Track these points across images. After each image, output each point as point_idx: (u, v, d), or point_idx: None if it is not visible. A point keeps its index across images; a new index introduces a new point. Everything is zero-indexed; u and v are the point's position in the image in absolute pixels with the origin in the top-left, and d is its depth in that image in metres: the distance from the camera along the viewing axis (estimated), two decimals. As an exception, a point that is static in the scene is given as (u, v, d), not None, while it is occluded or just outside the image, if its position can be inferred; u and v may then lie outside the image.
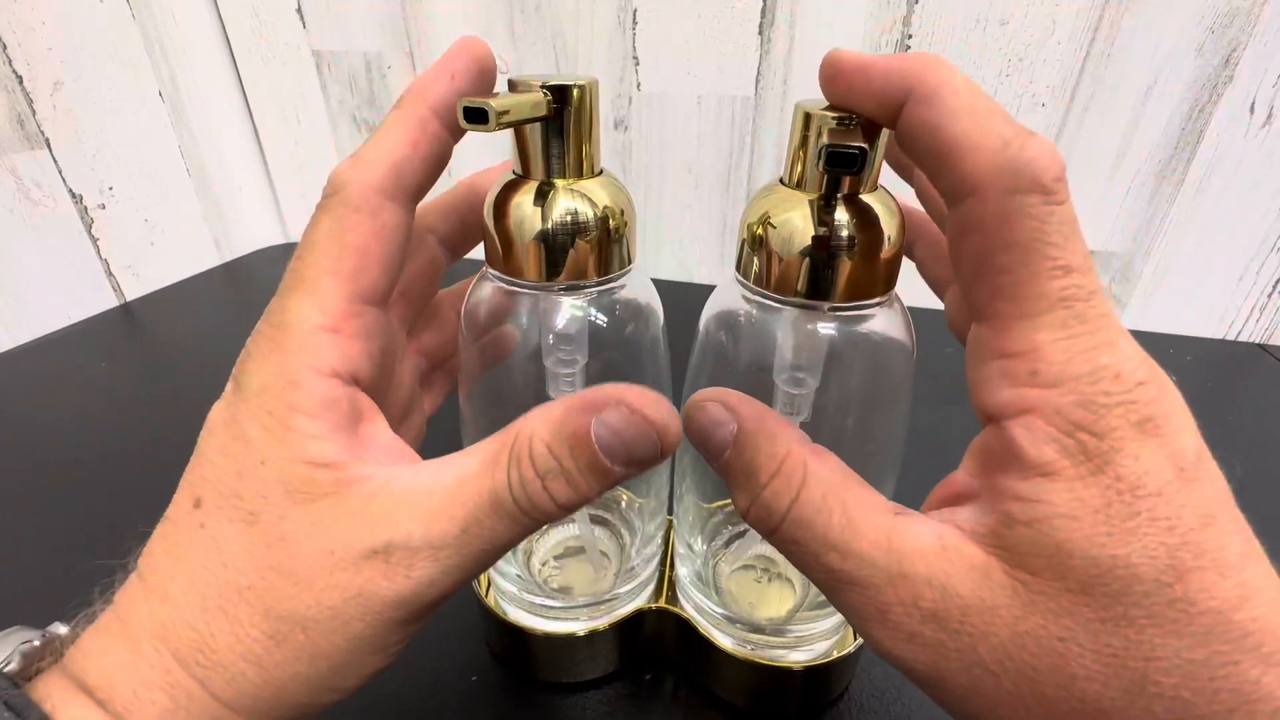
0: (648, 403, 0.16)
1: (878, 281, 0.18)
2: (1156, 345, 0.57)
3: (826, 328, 0.19)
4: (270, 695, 0.16)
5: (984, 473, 0.15)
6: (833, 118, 0.17)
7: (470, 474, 0.16)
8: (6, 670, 0.16)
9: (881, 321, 0.20)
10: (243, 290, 0.67)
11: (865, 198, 0.18)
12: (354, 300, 0.17)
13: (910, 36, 0.51)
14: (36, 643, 0.17)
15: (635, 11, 0.56)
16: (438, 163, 0.19)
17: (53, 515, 0.36)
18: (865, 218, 0.17)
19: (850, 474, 0.17)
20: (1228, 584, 0.13)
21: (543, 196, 0.19)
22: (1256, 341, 0.58)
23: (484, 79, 0.18)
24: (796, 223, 0.18)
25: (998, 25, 0.50)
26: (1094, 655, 0.13)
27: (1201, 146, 0.51)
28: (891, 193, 0.19)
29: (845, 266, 0.18)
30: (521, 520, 0.16)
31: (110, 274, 0.60)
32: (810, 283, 0.18)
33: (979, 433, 0.16)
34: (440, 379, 0.25)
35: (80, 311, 0.58)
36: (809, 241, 0.17)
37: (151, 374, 0.52)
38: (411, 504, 0.16)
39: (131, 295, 0.62)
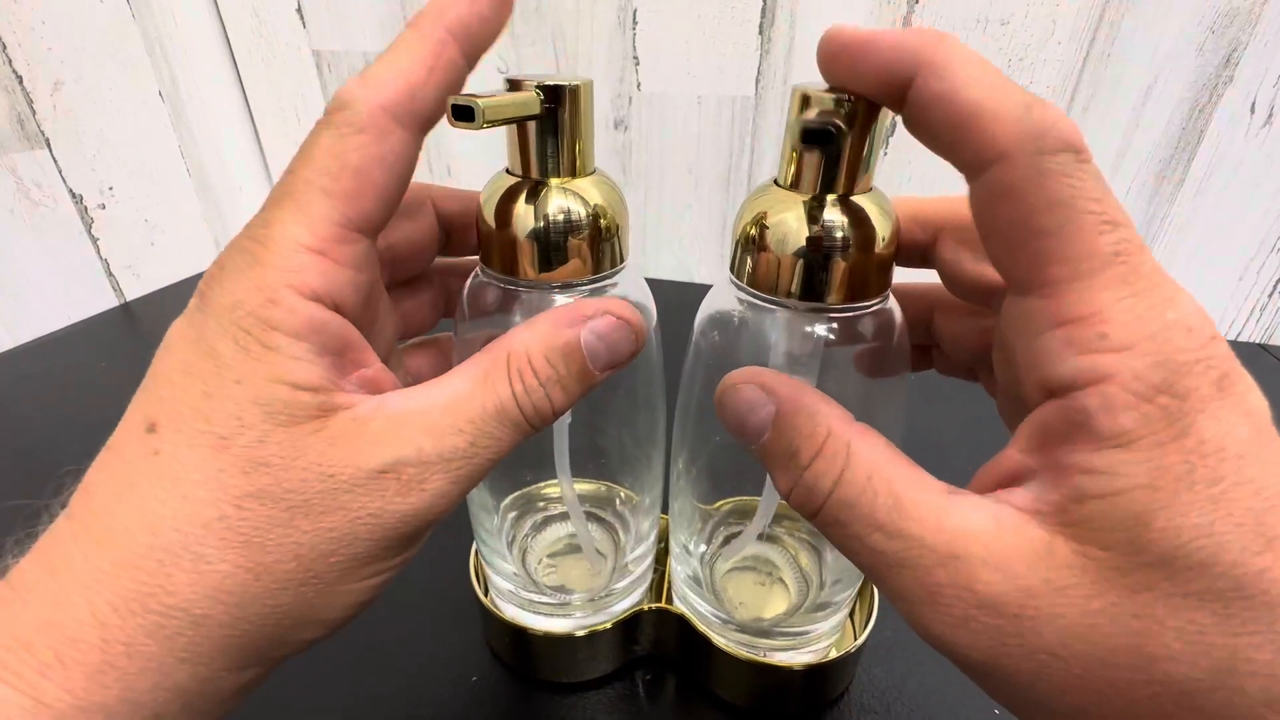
0: (626, 309, 0.18)
1: (873, 283, 0.18)
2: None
3: (821, 329, 0.19)
4: (240, 637, 0.15)
5: (1043, 448, 0.14)
6: (831, 99, 0.16)
7: (467, 391, 0.16)
8: None
9: (877, 322, 0.20)
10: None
11: (859, 198, 0.18)
12: (346, 225, 0.16)
13: (910, 36, 0.51)
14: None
15: (635, 11, 0.56)
16: (451, 91, 0.17)
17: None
18: (859, 218, 0.17)
19: (897, 453, 0.16)
20: None
21: (536, 195, 0.19)
22: (1257, 341, 0.58)
23: (504, 6, 0.17)
24: (790, 223, 0.18)
25: (998, 25, 0.50)
26: (1176, 633, 0.12)
27: (1202, 146, 0.51)
28: (885, 194, 0.18)
29: (839, 268, 0.18)
30: (524, 428, 0.17)
31: (110, 274, 0.60)
32: (804, 284, 0.18)
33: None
34: (411, 354, 0.23)
35: (80, 311, 0.58)
36: (803, 243, 0.17)
37: (151, 374, 0.52)
38: (415, 422, 0.16)
39: (131, 295, 0.62)
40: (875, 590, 0.28)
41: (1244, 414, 0.13)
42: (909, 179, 0.57)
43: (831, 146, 0.15)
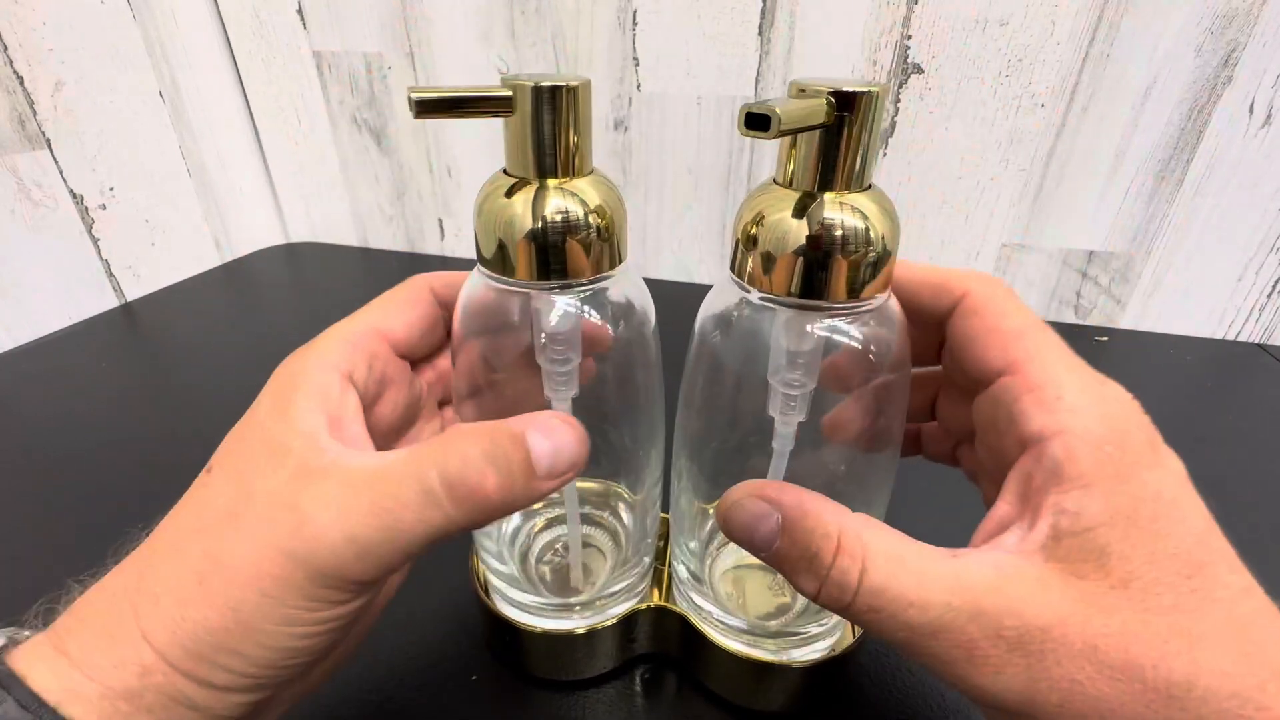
0: (569, 419, 0.19)
1: (872, 281, 0.18)
2: (1156, 345, 0.57)
3: (821, 327, 0.19)
4: (191, 635, 0.16)
5: (1025, 496, 0.17)
6: (826, 90, 0.16)
7: (398, 456, 0.18)
8: None
9: (878, 319, 0.20)
10: (243, 290, 0.67)
11: (857, 196, 0.18)
12: (375, 331, 0.22)
13: (910, 37, 0.51)
14: (27, 633, 0.17)
15: (635, 12, 0.56)
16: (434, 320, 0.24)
17: (53, 515, 0.37)
18: (857, 216, 0.17)
19: (898, 532, 0.18)
20: (1234, 578, 0.16)
21: (534, 195, 0.19)
22: (1256, 341, 0.58)
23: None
24: (789, 222, 0.18)
25: (997, 26, 0.50)
26: (1146, 643, 0.15)
27: (1201, 147, 0.51)
28: (884, 193, 0.19)
29: (839, 266, 0.18)
30: (441, 508, 0.17)
31: (111, 274, 0.60)
32: (804, 283, 0.18)
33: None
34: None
35: (81, 312, 0.58)
36: (802, 240, 0.17)
37: (152, 374, 0.52)
38: (339, 475, 0.17)
39: (132, 295, 0.62)
40: None
41: (1171, 471, 0.17)
42: (908, 179, 0.57)
43: (768, 132, 0.15)
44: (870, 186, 0.18)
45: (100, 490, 0.38)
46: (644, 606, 0.27)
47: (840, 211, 0.17)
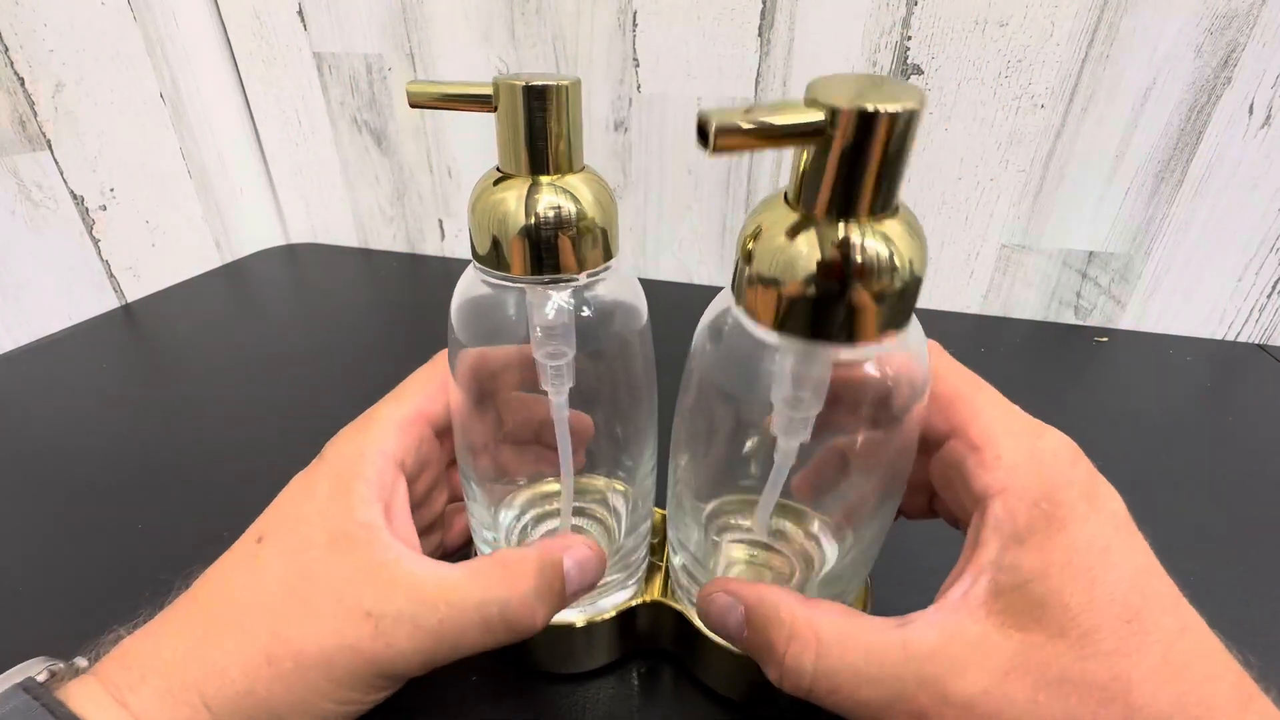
0: (594, 545, 0.22)
1: (890, 317, 0.16)
2: (1156, 346, 0.57)
3: (820, 365, 0.18)
4: (250, 709, 0.18)
5: (971, 553, 0.18)
6: (827, 105, 0.14)
7: (460, 578, 0.20)
8: (39, 679, 0.18)
9: (888, 361, 0.19)
10: (243, 291, 0.67)
11: (880, 222, 0.16)
12: (422, 415, 0.23)
13: (910, 38, 0.51)
14: (61, 665, 0.20)
15: (635, 13, 0.56)
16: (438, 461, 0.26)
17: (52, 516, 0.37)
18: (880, 245, 0.15)
19: (851, 610, 0.19)
20: (1169, 619, 0.16)
21: (527, 191, 0.19)
22: (1256, 342, 0.58)
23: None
24: (792, 250, 0.16)
25: (997, 26, 0.50)
26: (1084, 691, 0.15)
27: (1200, 147, 0.51)
28: (913, 213, 0.17)
29: (853, 302, 0.16)
30: (494, 631, 0.20)
31: (111, 275, 0.60)
32: (813, 319, 0.16)
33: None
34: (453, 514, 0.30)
35: (81, 313, 0.58)
36: (812, 271, 0.15)
37: (152, 375, 0.52)
38: (408, 586, 0.19)
39: (132, 296, 0.62)
40: (868, 588, 0.28)
41: (1108, 515, 0.17)
42: (908, 180, 0.57)
43: (707, 149, 0.13)
44: (897, 209, 0.16)
45: (100, 491, 0.38)
46: (641, 601, 0.27)
47: (859, 236, 0.15)
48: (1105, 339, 0.58)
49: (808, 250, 0.16)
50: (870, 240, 0.15)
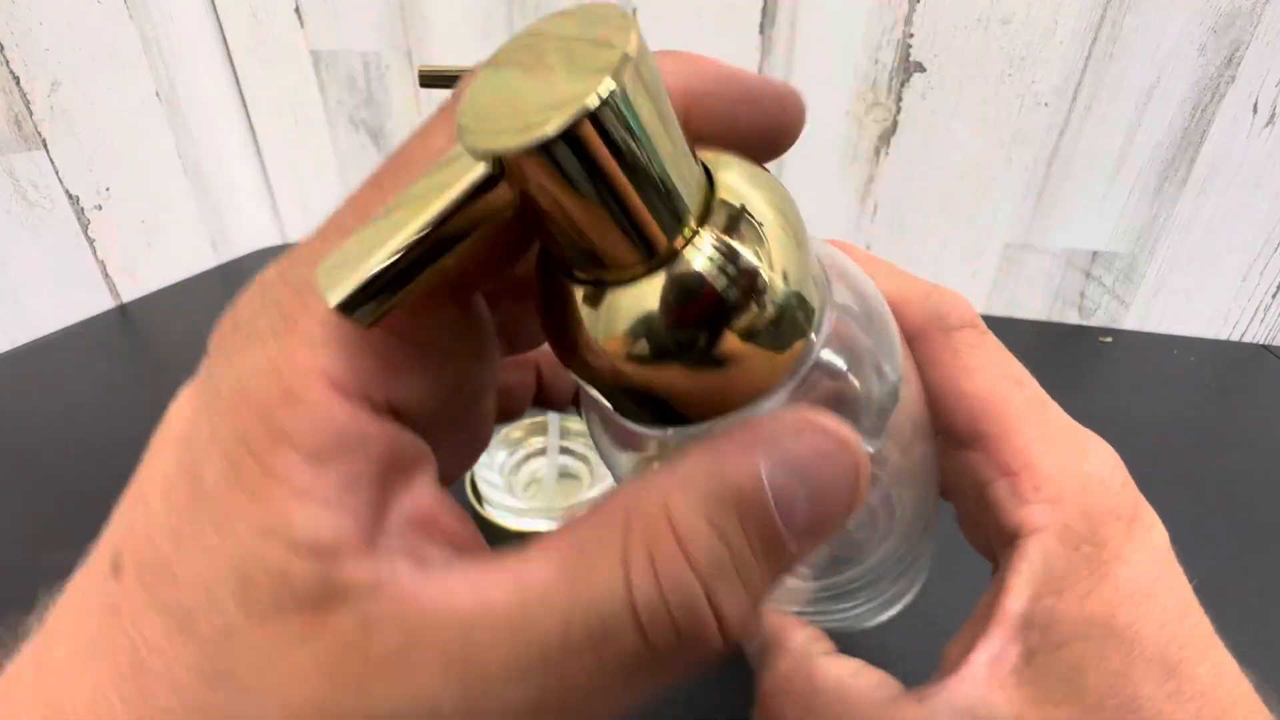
0: (832, 422, 0.10)
1: (793, 327, 0.11)
2: (1160, 346, 0.57)
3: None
4: None
5: (997, 602, 0.15)
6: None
7: (548, 583, 0.09)
8: None
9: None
10: (240, 292, 0.66)
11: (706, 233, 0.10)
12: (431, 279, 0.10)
13: (912, 36, 0.51)
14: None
15: (635, 10, 0.55)
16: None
17: (49, 517, 0.36)
18: (722, 261, 0.10)
19: (860, 665, 0.16)
20: (1205, 669, 0.14)
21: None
22: (1260, 342, 0.58)
23: None
24: (634, 326, 0.10)
25: (1000, 25, 0.50)
26: None
27: (1204, 147, 0.51)
28: (770, 173, 0.12)
29: (737, 345, 0.10)
30: (658, 663, 0.09)
31: (107, 275, 0.60)
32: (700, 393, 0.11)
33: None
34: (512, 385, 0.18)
35: (77, 313, 0.58)
36: (664, 337, 0.10)
37: (148, 376, 0.52)
38: (437, 649, 0.09)
39: (128, 297, 0.62)
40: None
41: (1149, 552, 0.15)
42: (910, 179, 0.56)
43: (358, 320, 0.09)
44: (709, 205, 0.11)
45: (96, 493, 0.38)
46: None
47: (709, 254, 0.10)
48: (1109, 339, 0.58)
49: (640, 318, 0.10)
50: (724, 253, 0.10)
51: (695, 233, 0.10)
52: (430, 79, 0.16)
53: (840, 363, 0.13)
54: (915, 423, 0.17)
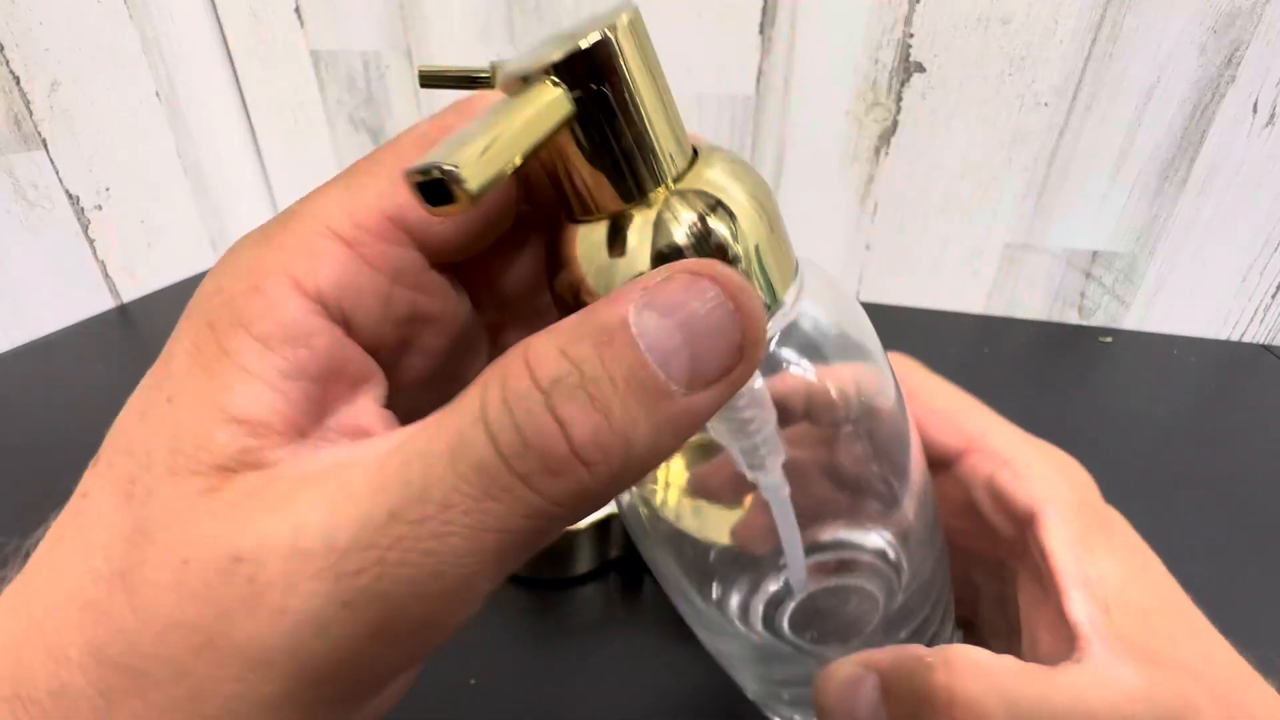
0: (722, 270, 0.10)
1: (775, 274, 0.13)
2: (1160, 346, 0.57)
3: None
4: None
5: (1054, 576, 0.17)
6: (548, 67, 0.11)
7: (418, 430, 0.10)
8: None
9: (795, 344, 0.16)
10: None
11: (694, 178, 0.12)
12: (399, 220, 0.11)
13: (912, 35, 0.51)
14: None
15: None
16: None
17: (49, 517, 0.36)
18: (709, 203, 0.12)
19: (980, 652, 0.16)
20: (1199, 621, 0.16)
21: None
22: (1261, 342, 0.58)
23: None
24: (622, 265, 0.12)
25: (999, 24, 0.50)
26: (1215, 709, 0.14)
27: (1205, 147, 0.51)
28: (737, 158, 0.13)
29: None
30: (511, 490, 0.09)
31: (107, 275, 0.60)
32: None
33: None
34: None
35: (77, 313, 0.58)
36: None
37: (148, 376, 0.52)
38: (314, 484, 0.10)
39: (128, 297, 0.62)
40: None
41: (1125, 524, 0.18)
42: (910, 178, 0.56)
43: (457, 205, 0.09)
44: (695, 155, 0.13)
45: (95, 494, 0.38)
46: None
47: (685, 209, 0.12)
48: (1109, 339, 0.58)
49: (638, 250, 0.12)
50: (693, 209, 0.12)
51: (675, 188, 0.12)
52: (430, 79, 0.16)
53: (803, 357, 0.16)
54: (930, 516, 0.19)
